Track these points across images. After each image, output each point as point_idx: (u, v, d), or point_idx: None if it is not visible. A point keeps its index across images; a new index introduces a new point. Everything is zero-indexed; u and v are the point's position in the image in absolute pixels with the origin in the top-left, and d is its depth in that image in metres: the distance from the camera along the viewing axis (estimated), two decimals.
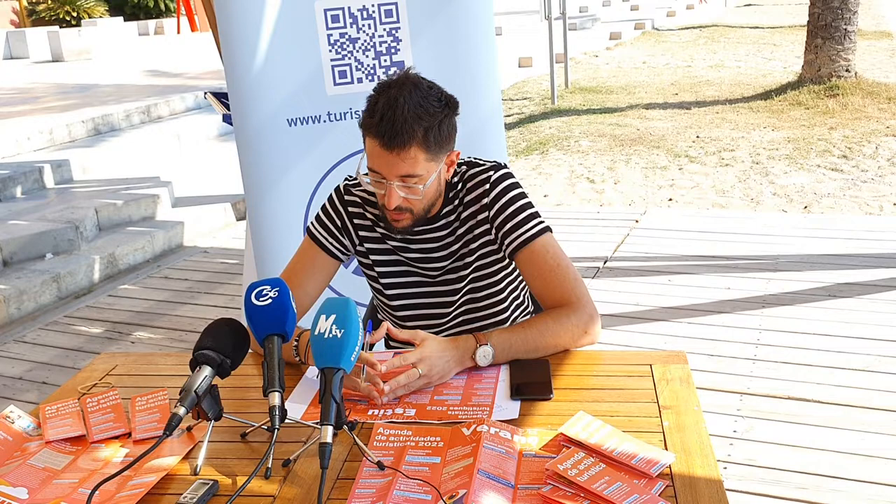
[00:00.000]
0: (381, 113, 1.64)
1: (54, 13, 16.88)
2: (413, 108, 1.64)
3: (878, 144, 6.78)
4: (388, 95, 1.66)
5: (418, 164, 1.68)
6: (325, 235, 1.93)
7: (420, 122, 1.64)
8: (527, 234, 1.82)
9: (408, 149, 1.65)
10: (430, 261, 1.90)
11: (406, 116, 1.63)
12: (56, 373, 3.83)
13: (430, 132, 1.66)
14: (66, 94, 9.65)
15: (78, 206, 5.72)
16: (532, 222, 1.83)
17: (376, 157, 1.69)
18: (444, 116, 1.69)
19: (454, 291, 1.93)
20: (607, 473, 1.29)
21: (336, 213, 1.94)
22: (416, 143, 1.65)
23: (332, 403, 1.34)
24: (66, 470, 1.47)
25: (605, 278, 4.41)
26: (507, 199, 1.83)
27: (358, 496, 1.31)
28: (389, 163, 1.67)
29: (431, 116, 1.66)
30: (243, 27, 2.75)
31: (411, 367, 1.61)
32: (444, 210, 1.87)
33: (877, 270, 4.24)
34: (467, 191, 1.86)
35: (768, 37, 14.91)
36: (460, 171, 1.88)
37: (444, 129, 1.70)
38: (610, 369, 1.72)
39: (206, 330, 1.52)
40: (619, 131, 7.88)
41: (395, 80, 1.70)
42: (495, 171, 1.86)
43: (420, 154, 1.67)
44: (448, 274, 1.92)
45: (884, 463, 2.66)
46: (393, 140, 1.64)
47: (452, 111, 1.73)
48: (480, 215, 1.86)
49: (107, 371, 1.87)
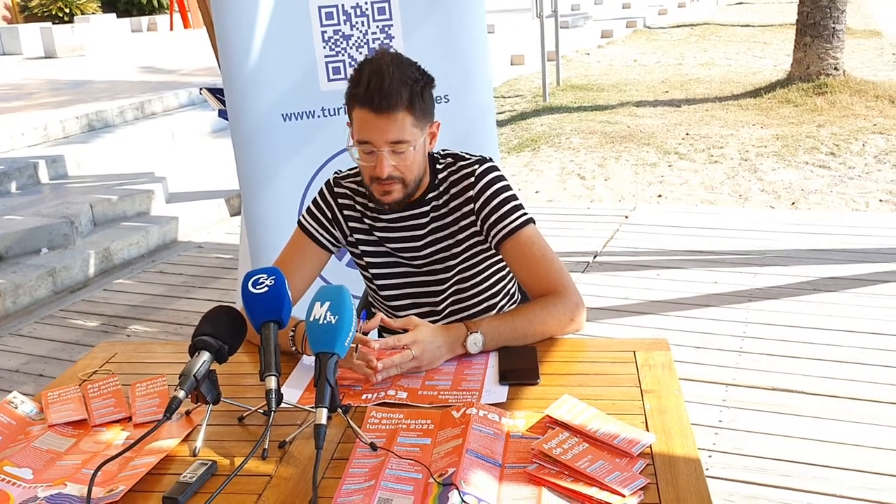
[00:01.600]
0: (368, 80, 1.71)
1: (47, 9, 16.85)
2: (398, 75, 1.71)
3: (865, 142, 6.87)
4: (371, 65, 1.73)
5: (405, 128, 1.74)
6: (316, 227, 1.99)
7: (405, 86, 1.72)
8: (512, 225, 1.88)
9: (396, 112, 1.72)
10: (413, 249, 1.95)
11: (392, 80, 1.70)
12: (52, 365, 3.87)
13: (415, 97, 1.74)
14: (59, 90, 9.67)
15: (73, 201, 5.75)
16: (516, 213, 1.89)
17: (366, 124, 1.74)
18: (424, 83, 1.77)
19: (442, 281, 1.98)
20: (590, 452, 1.35)
21: (326, 205, 1.99)
22: (404, 106, 1.72)
23: (327, 387, 1.40)
24: (69, 452, 1.52)
25: (595, 273, 4.47)
26: (492, 192, 1.89)
27: (351, 475, 1.36)
28: (379, 128, 1.73)
29: (415, 82, 1.74)
30: (239, 24, 2.80)
31: (404, 349, 1.67)
32: (429, 195, 1.92)
33: (861, 265, 4.31)
34: (452, 183, 1.92)
35: (758, 35, 15.01)
36: (446, 163, 1.94)
37: (427, 96, 1.78)
38: (595, 356, 1.78)
39: (205, 317, 1.57)
40: (610, 128, 7.94)
41: (375, 55, 1.78)
42: (480, 164, 1.92)
43: (407, 118, 1.74)
44: (435, 264, 1.97)
45: (865, 451, 2.73)
46: (382, 103, 1.70)
47: (431, 82, 1.81)
48: (466, 207, 1.92)
49: (107, 359, 1.92)
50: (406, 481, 1.32)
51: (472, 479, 1.29)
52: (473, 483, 1.28)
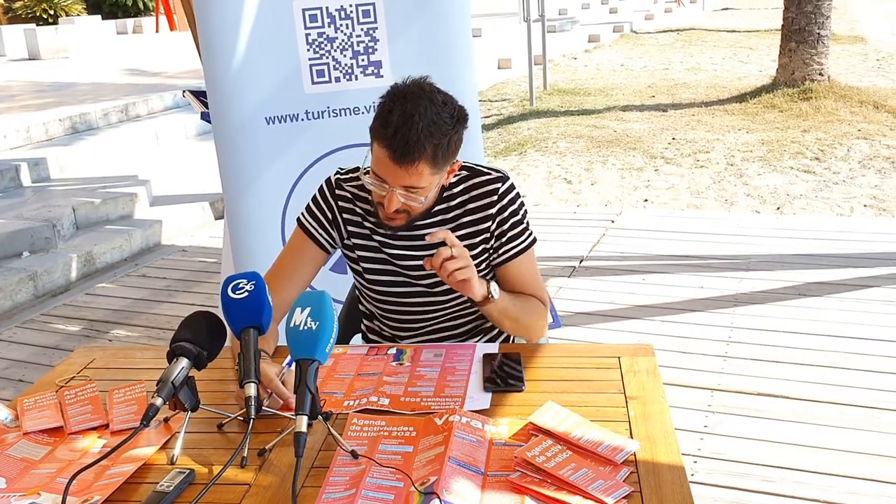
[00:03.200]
0: (396, 127, 1.64)
1: (31, 11, 16.75)
2: (427, 126, 1.65)
3: (849, 147, 6.90)
4: (402, 108, 1.66)
5: (423, 177, 1.70)
6: (316, 227, 1.94)
7: (431, 140, 1.66)
8: (524, 245, 1.91)
9: (416, 164, 1.67)
10: (413, 258, 1.91)
11: (420, 135, 1.64)
12: (32, 370, 3.83)
13: (439, 149, 1.68)
14: (42, 92, 9.59)
15: (55, 204, 5.70)
16: (527, 232, 1.92)
17: (383, 166, 1.70)
18: (454, 133, 1.71)
19: (441, 293, 1.94)
20: (573, 460, 1.33)
21: (327, 205, 1.95)
22: (426, 159, 1.67)
23: (308, 394, 1.38)
24: (43, 460, 1.49)
25: (581, 277, 4.46)
26: (512, 210, 1.89)
27: (332, 483, 1.34)
28: (395, 174, 1.69)
29: (443, 135, 1.68)
30: (222, 26, 2.78)
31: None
32: (435, 209, 1.88)
33: (846, 270, 4.32)
34: (471, 198, 1.88)
35: (744, 40, 15.08)
36: (460, 175, 1.89)
37: (454, 143, 1.72)
38: (579, 361, 1.77)
39: (184, 322, 1.55)
40: (597, 133, 7.95)
41: (410, 89, 1.69)
42: (502, 182, 1.89)
43: (426, 169, 1.69)
44: (435, 276, 1.92)
45: (847, 456, 2.73)
46: (404, 157, 1.65)
47: (462, 125, 1.74)
48: (483, 224, 1.88)
49: (84, 364, 1.89)
50: (387, 490, 1.31)
51: (454, 488, 1.28)
52: (455, 492, 1.27)
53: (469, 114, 1.77)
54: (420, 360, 1.78)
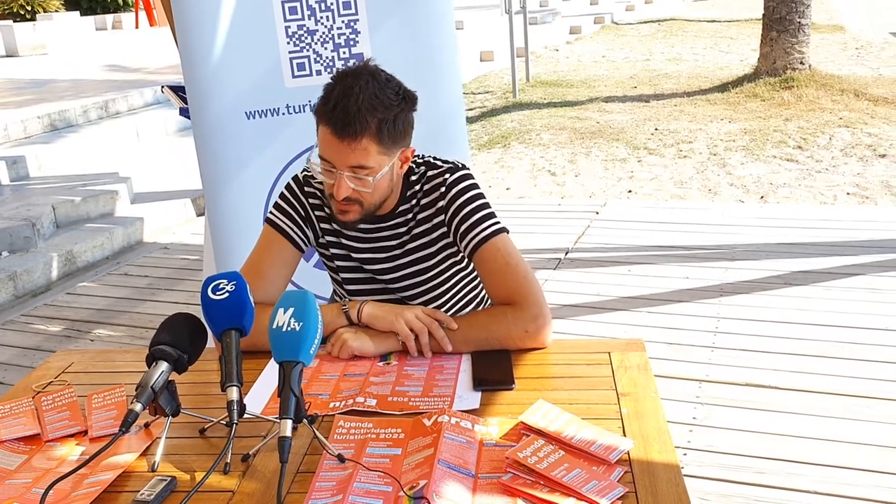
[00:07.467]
0: (336, 101, 1.63)
1: (8, 7, 16.50)
2: (368, 99, 1.62)
3: (831, 135, 6.91)
4: (343, 84, 1.64)
5: (370, 155, 1.66)
6: (290, 224, 1.89)
7: (374, 114, 1.63)
8: (483, 234, 1.79)
9: (359, 139, 1.64)
10: (379, 261, 1.88)
11: (360, 106, 1.62)
12: (13, 372, 3.76)
13: (383, 124, 1.65)
14: (20, 89, 9.46)
15: (34, 203, 5.62)
16: (487, 222, 1.80)
17: (328, 145, 1.67)
18: (399, 110, 1.68)
19: (413, 297, 1.90)
20: (566, 461, 1.30)
21: (298, 202, 1.90)
22: (369, 134, 1.64)
23: (292, 397, 1.34)
24: (19, 470, 1.44)
25: (566, 269, 4.44)
26: (462, 201, 1.82)
27: (318, 489, 1.31)
28: (340, 152, 1.66)
29: (386, 109, 1.65)
30: (200, 19, 2.72)
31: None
32: (399, 209, 1.85)
33: (831, 258, 4.32)
34: (424, 193, 1.85)
35: (725, 30, 15.09)
36: (419, 172, 1.86)
37: (400, 123, 1.68)
38: (569, 358, 1.74)
39: (163, 325, 1.50)
40: (580, 124, 7.93)
41: (353, 69, 1.68)
42: (451, 173, 1.84)
43: (372, 146, 1.65)
44: (405, 279, 1.89)
45: (838, 446, 2.72)
46: (345, 129, 1.63)
47: (409, 106, 1.71)
48: (437, 218, 1.85)
49: (62, 368, 1.84)
50: (375, 495, 1.27)
51: (444, 492, 1.24)
52: (445, 496, 1.23)
53: (418, 97, 1.74)
54: (407, 360, 1.75)
